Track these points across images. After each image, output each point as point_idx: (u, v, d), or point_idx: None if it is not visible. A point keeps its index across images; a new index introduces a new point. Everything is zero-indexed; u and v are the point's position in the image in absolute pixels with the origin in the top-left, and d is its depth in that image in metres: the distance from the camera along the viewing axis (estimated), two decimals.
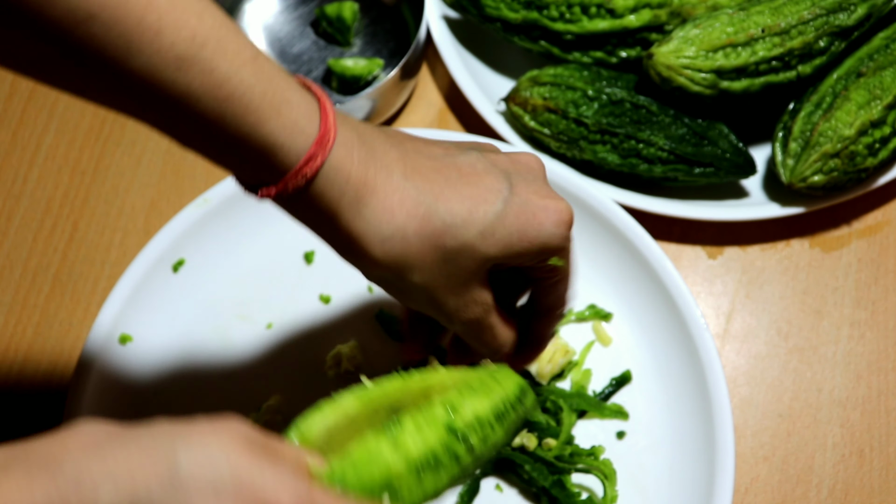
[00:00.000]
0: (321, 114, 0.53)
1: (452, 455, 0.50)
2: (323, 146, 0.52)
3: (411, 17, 0.90)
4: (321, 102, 0.54)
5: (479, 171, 0.57)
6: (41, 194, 0.89)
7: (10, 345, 0.83)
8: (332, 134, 0.53)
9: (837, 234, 0.86)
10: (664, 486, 0.75)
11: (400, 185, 0.54)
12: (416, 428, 0.50)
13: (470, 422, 0.52)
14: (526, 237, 0.56)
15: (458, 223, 0.55)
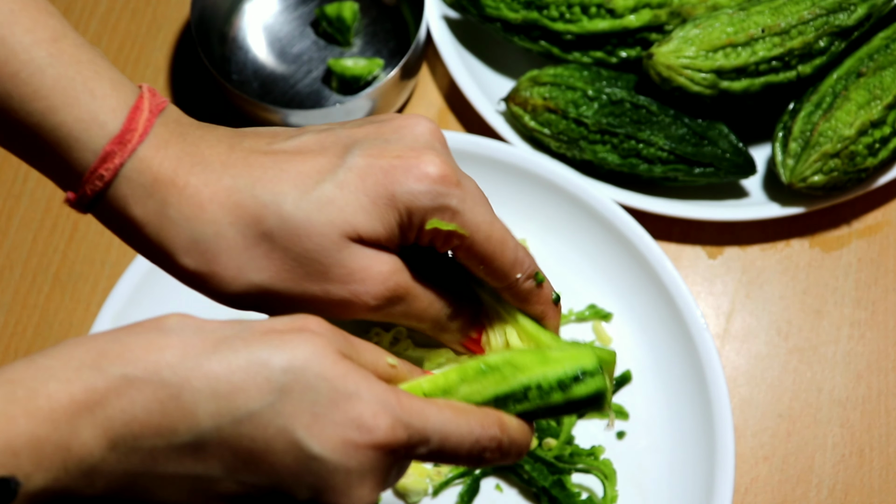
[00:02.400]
0: (131, 110, 0.47)
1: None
2: (123, 144, 0.46)
3: (411, 17, 0.90)
4: (138, 99, 0.47)
5: (310, 149, 0.48)
6: (41, 194, 0.89)
7: (11, 345, 0.83)
8: (140, 132, 0.46)
9: (837, 234, 0.86)
10: (664, 486, 0.75)
11: (214, 178, 0.47)
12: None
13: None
14: (380, 199, 0.46)
15: (279, 200, 0.46)
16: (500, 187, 0.84)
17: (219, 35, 0.91)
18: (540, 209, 0.83)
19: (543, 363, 0.47)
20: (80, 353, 0.41)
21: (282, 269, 0.47)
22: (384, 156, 0.47)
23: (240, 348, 0.41)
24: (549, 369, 0.47)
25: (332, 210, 0.46)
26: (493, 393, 0.46)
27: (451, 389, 0.46)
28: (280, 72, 0.90)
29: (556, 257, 0.83)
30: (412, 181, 0.47)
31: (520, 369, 0.47)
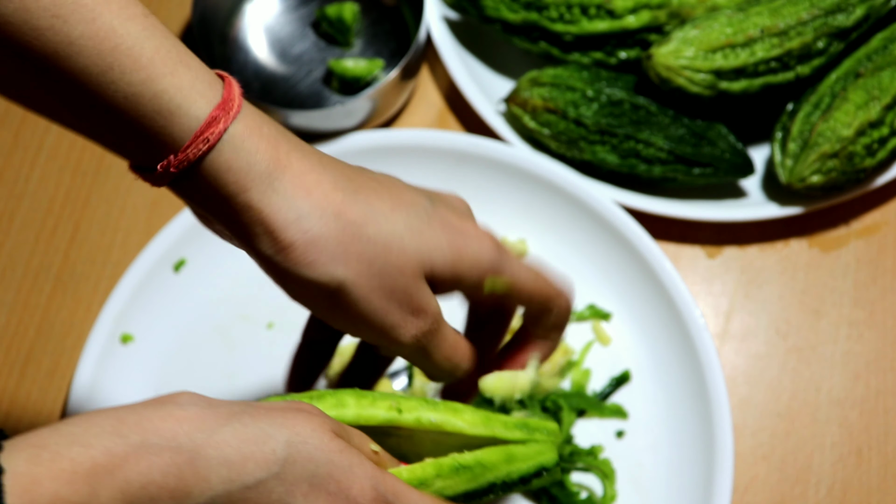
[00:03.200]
0: (225, 82, 0.49)
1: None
2: (227, 111, 0.47)
3: (411, 18, 0.90)
4: (224, 75, 0.49)
5: (398, 185, 0.53)
6: (43, 194, 0.89)
7: (12, 344, 0.83)
8: (238, 102, 0.48)
9: (836, 235, 0.86)
10: (663, 486, 0.75)
11: (316, 167, 0.50)
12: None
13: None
14: (454, 246, 0.52)
15: (379, 215, 0.50)
16: (500, 187, 0.84)
17: (220, 36, 0.91)
18: (540, 209, 0.83)
19: (509, 462, 0.54)
20: (101, 421, 0.43)
21: (364, 274, 0.50)
22: (455, 218, 0.53)
23: (248, 422, 0.45)
24: (513, 468, 0.54)
25: (420, 241, 0.51)
26: (464, 489, 0.52)
27: (428, 481, 0.51)
28: (281, 72, 0.91)
29: (555, 257, 0.83)
30: (478, 243, 0.53)
31: (488, 469, 0.53)
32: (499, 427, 0.54)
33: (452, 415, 0.53)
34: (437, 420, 0.52)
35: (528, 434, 0.55)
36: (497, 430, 0.54)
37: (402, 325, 0.52)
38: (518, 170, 0.83)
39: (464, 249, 0.52)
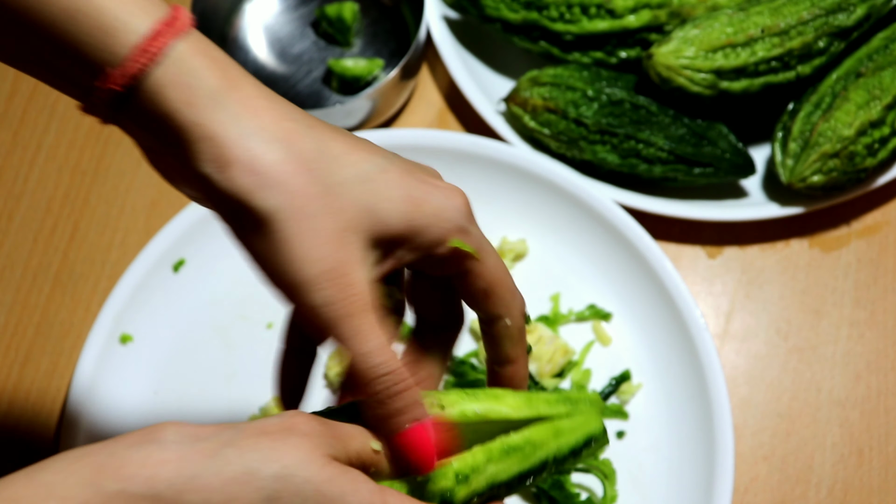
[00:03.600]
0: (171, 4, 0.47)
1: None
2: (172, 27, 0.45)
3: (411, 18, 0.90)
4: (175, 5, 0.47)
5: (357, 137, 0.50)
6: (42, 194, 0.89)
7: (11, 344, 0.83)
8: (185, 23, 0.46)
9: (837, 234, 0.86)
10: (664, 486, 0.75)
11: (268, 95, 0.47)
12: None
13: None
14: (411, 197, 0.48)
15: (329, 156, 0.47)
16: (500, 187, 0.84)
17: (219, 35, 0.91)
18: (540, 209, 0.83)
19: (557, 436, 0.52)
20: (79, 469, 0.41)
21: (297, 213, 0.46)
22: (419, 172, 0.49)
23: (233, 459, 0.42)
24: (562, 442, 0.52)
25: (369, 191, 0.47)
26: (517, 470, 0.51)
27: (479, 468, 0.49)
28: (280, 72, 0.91)
29: (555, 257, 0.83)
30: (443, 198, 0.49)
31: (538, 446, 0.51)
32: (542, 405, 0.52)
33: (495, 402, 0.51)
34: (482, 410, 0.50)
35: (572, 406, 0.53)
36: (542, 409, 0.52)
37: (317, 285, 0.46)
38: (518, 170, 0.83)
39: (424, 201, 0.48)
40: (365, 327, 0.46)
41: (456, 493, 0.49)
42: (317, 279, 0.46)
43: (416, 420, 0.47)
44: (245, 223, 0.46)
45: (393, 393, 0.47)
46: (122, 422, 0.77)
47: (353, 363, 0.47)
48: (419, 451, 0.48)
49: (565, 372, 0.79)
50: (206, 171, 0.46)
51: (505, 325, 0.52)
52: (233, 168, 0.45)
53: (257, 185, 0.45)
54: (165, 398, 0.78)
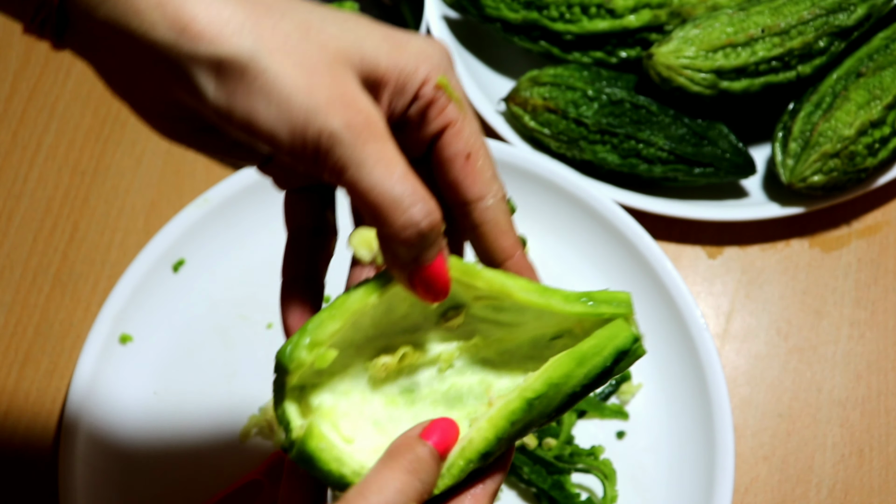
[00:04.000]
0: None
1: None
2: None
3: (411, 17, 0.90)
4: None
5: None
6: (41, 194, 0.89)
7: (11, 345, 0.83)
8: None
9: (837, 234, 0.86)
10: (664, 486, 0.75)
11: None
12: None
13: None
14: (394, 40, 0.45)
15: (299, 5, 0.44)
16: None
17: None
18: (540, 209, 0.83)
19: (581, 364, 0.46)
20: None
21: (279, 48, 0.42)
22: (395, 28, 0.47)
23: None
24: (588, 368, 0.46)
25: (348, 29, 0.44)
26: (544, 414, 0.46)
27: (504, 434, 0.46)
28: None
29: (555, 257, 0.83)
30: (423, 41, 0.46)
31: (562, 384, 0.46)
32: (557, 299, 0.47)
33: (507, 278, 0.47)
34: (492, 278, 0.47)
35: (594, 308, 0.47)
36: (554, 302, 0.47)
37: (328, 110, 0.41)
38: (518, 169, 0.83)
39: (406, 41, 0.45)
40: (388, 153, 0.42)
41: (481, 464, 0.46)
42: (327, 104, 0.42)
43: (441, 250, 0.45)
44: (225, 80, 0.42)
45: (422, 230, 0.43)
46: (122, 422, 0.77)
47: (379, 195, 0.42)
48: (443, 278, 0.45)
49: None
50: (165, 38, 0.42)
51: (487, 208, 0.48)
52: (193, 25, 0.41)
53: (225, 34, 0.41)
54: (165, 398, 0.78)
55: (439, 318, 0.49)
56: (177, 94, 0.44)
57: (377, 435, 0.48)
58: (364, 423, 0.48)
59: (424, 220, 0.43)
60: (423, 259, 0.44)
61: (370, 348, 0.48)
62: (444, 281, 0.45)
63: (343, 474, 0.44)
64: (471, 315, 0.49)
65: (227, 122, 0.43)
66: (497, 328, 0.50)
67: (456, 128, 0.47)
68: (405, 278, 0.45)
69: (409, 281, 0.45)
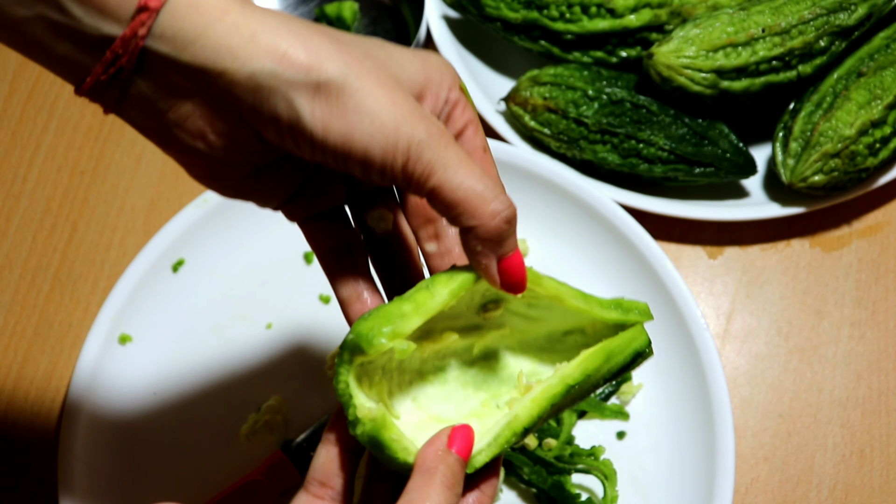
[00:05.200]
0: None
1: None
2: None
3: (411, 17, 0.90)
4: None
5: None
6: (41, 194, 0.89)
7: (10, 345, 0.83)
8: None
9: (838, 234, 0.86)
10: (664, 486, 0.75)
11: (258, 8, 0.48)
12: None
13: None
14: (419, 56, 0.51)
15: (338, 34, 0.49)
16: None
17: None
18: (540, 209, 0.83)
19: (608, 360, 0.53)
20: None
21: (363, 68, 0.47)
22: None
23: None
24: (613, 363, 0.53)
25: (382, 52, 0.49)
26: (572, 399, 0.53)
27: (544, 413, 0.51)
28: None
29: (556, 257, 0.83)
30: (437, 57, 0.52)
31: (593, 375, 0.53)
32: (596, 306, 0.54)
33: (561, 285, 0.53)
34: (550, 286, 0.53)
35: (623, 315, 0.55)
36: (594, 309, 0.54)
37: (412, 121, 0.47)
38: (518, 169, 0.83)
39: (427, 57, 0.51)
40: (465, 156, 0.48)
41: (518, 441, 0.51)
42: (410, 117, 0.47)
43: (516, 245, 0.50)
44: (323, 102, 0.46)
45: (507, 218, 0.48)
46: (122, 422, 0.76)
47: (467, 191, 0.47)
48: (522, 269, 0.50)
49: None
50: (265, 69, 0.46)
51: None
52: (291, 53, 0.46)
53: (320, 60, 0.46)
54: (165, 398, 0.78)
55: (480, 308, 0.54)
56: (263, 127, 0.48)
57: (416, 411, 0.53)
58: (405, 400, 0.54)
59: (506, 210, 0.48)
60: (506, 249, 0.49)
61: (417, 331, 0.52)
62: (523, 271, 0.50)
63: (407, 462, 0.49)
64: (507, 310, 0.55)
65: (322, 144, 0.47)
66: (524, 321, 0.55)
67: (476, 125, 0.54)
68: (490, 271, 0.50)
69: (493, 273, 0.50)
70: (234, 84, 0.46)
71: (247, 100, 0.46)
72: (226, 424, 0.77)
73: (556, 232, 0.83)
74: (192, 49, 0.46)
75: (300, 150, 0.48)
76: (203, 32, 0.46)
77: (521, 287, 0.51)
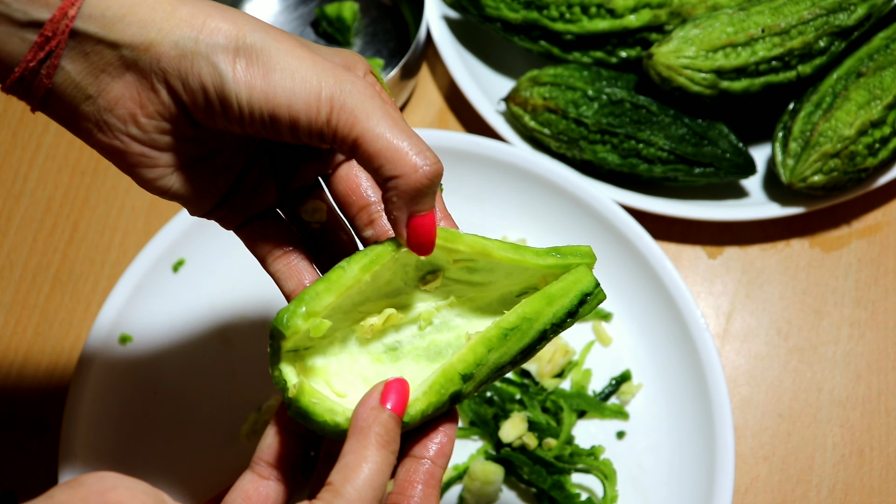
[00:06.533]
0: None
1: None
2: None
3: (411, 17, 0.90)
4: None
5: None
6: (41, 194, 0.89)
7: (11, 344, 0.83)
8: None
9: (837, 234, 0.86)
10: (664, 486, 0.75)
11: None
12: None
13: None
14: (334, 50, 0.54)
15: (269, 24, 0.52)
16: (500, 187, 0.84)
17: None
18: (540, 209, 0.83)
19: (550, 304, 0.52)
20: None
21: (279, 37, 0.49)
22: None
23: None
24: (557, 307, 0.53)
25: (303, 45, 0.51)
26: (518, 349, 0.52)
27: (483, 360, 0.51)
28: None
29: None
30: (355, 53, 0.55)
31: (534, 320, 0.52)
32: (530, 255, 0.53)
33: (485, 240, 0.53)
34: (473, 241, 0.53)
35: (562, 259, 0.54)
36: (527, 258, 0.53)
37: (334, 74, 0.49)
38: (518, 169, 0.83)
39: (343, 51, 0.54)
40: (390, 110, 0.49)
41: (464, 391, 0.51)
42: (332, 71, 0.49)
43: (433, 206, 0.50)
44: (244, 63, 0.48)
45: (429, 174, 0.48)
46: (122, 422, 0.76)
47: (389, 142, 0.48)
48: (429, 232, 0.50)
49: (566, 372, 0.78)
50: (186, 37, 0.48)
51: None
52: (209, 23, 0.48)
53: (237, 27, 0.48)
54: (165, 398, 0.78)
55: (418, 281, 0.54)
56: (192, 101, 0.49)
57: (366, 389, 0.52)
58: (354, 379, 0.53)
59: (430, 167, 0.48)
60: (420, 207, 0.49)
61: (357, 312, 0.53)
62: (432, 233, 0.50)
63: (337, 423, 0.49)
64: (447, 278, 0.54)
65: (249, 106, 0.48)
66: (470, 288, 0.55)
67: (394, 107, 0.54)
68: (399, 225, 0.50)
69: (402, 229, 0.50)
70: (160, 56, 0.48)
71: (173, 70, 0.48)
72: (226, 424, 0.77)
73: (556, 232, 0.83)
74: (119, 26, 0.48)
75: (230, 124, 0.49)
76: (129, 10, 0.48)
77: (429, 248, 0.51)
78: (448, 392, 0.50)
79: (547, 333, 0.53)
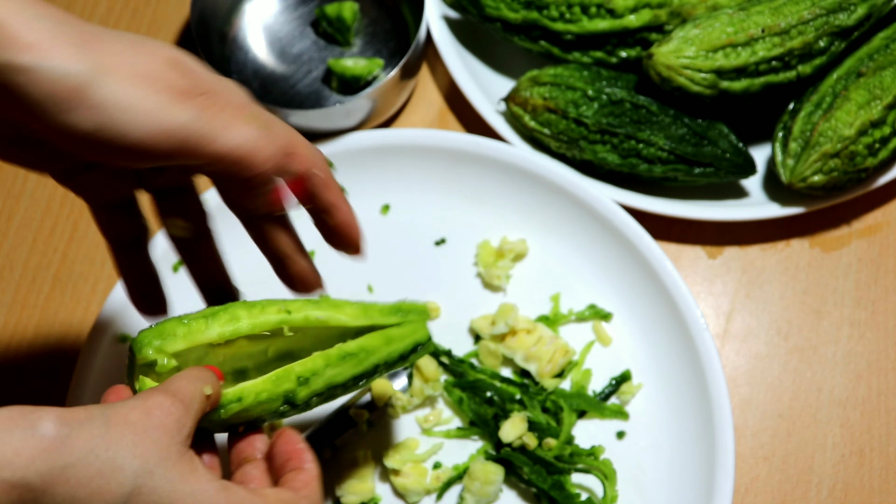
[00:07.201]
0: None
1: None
2: None
3: (411, 17, 0.90)
4: None
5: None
6: (41, 194, 0.89)
7: (10, 345, 0.83)
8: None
9: (837, 234, 0.86)
10: (664, 486, 0.75)
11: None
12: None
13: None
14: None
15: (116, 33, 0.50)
16: (500, 187, 0.84)
17: (219, 35, 0.91)
18: (540, 209, 0.83)
19: (388, 343, 0.61)
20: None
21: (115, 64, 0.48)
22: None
23: (101, 452, 0.46)
24: (393, 348, 0.62)
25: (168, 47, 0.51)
26: (352, 373, 0.60)
27: (319, 371, 0.58)
28: (280, 72, 0.90)
29: (555, 257, 0.83)
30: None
31: (371, 352, 0.60)
32: (376, 315, 0.61)
33: (336, 311, 0.59)
34: (323, 317, 0.59)
35: (403, 317, 0.63)
36: (375, 318, 0.61)
37: (180, 101, 0.49)
38: (518, 170, 0.83)
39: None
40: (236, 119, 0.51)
41: (297, 394, 0.57)
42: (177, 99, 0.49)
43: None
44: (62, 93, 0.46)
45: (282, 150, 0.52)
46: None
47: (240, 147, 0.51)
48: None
49: (565, 372, 0.79)
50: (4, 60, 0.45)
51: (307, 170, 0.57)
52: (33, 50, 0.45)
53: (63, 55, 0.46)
54: None
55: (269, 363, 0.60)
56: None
57: None
58: None
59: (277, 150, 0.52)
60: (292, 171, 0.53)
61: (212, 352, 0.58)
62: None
63: None
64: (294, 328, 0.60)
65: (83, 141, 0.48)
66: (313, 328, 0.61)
67: None
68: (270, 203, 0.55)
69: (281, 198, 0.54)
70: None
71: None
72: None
73: (556, 232, 0.83)
74: None
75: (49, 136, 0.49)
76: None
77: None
78: (282, 387, 0.56)
79: (379, 368, 0.61)
